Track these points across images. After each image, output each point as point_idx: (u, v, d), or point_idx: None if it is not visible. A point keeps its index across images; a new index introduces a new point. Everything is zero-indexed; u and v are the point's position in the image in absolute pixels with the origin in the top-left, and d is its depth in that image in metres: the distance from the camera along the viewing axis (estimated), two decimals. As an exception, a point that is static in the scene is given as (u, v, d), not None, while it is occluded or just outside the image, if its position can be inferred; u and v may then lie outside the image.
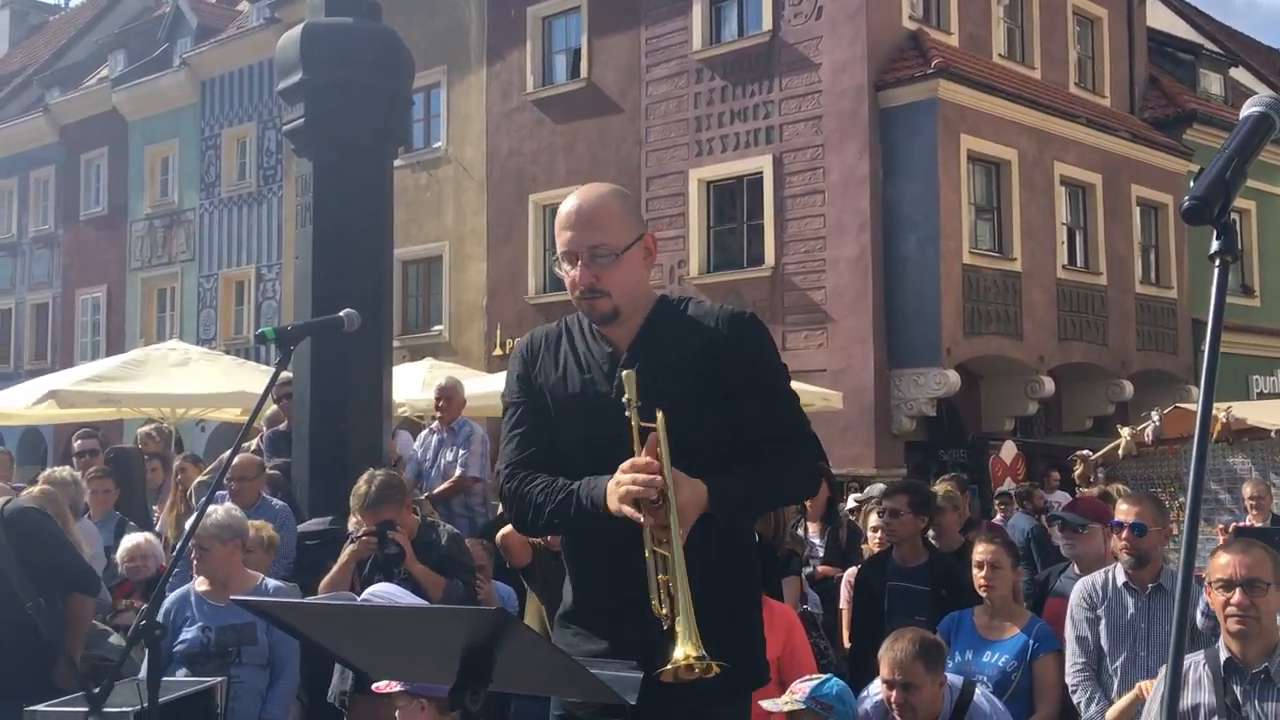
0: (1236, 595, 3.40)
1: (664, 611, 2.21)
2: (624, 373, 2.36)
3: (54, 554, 4.75)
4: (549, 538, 4.87)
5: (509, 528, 4.81)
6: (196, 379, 11.55)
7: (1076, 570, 5.15)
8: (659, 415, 2.31)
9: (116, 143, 26.54)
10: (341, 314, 3.11)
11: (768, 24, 16.88)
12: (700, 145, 17.51)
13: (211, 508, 4.57)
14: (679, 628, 2.16)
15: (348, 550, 4.83)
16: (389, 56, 6.90)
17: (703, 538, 2.30)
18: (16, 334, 28.71)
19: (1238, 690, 3.41)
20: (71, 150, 27.61)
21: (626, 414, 2.32)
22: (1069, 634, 4.51)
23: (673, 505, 2.23)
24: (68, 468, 7.18)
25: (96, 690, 2.73)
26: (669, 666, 2.14)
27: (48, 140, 28.19)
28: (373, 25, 6.95)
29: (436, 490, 7.47)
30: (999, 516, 11.48)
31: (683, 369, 2.46)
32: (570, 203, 2.51)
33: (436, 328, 20.60)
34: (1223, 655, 3.45)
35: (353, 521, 5.02)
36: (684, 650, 2.14)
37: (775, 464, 2.47)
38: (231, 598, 3.97)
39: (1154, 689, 3.70)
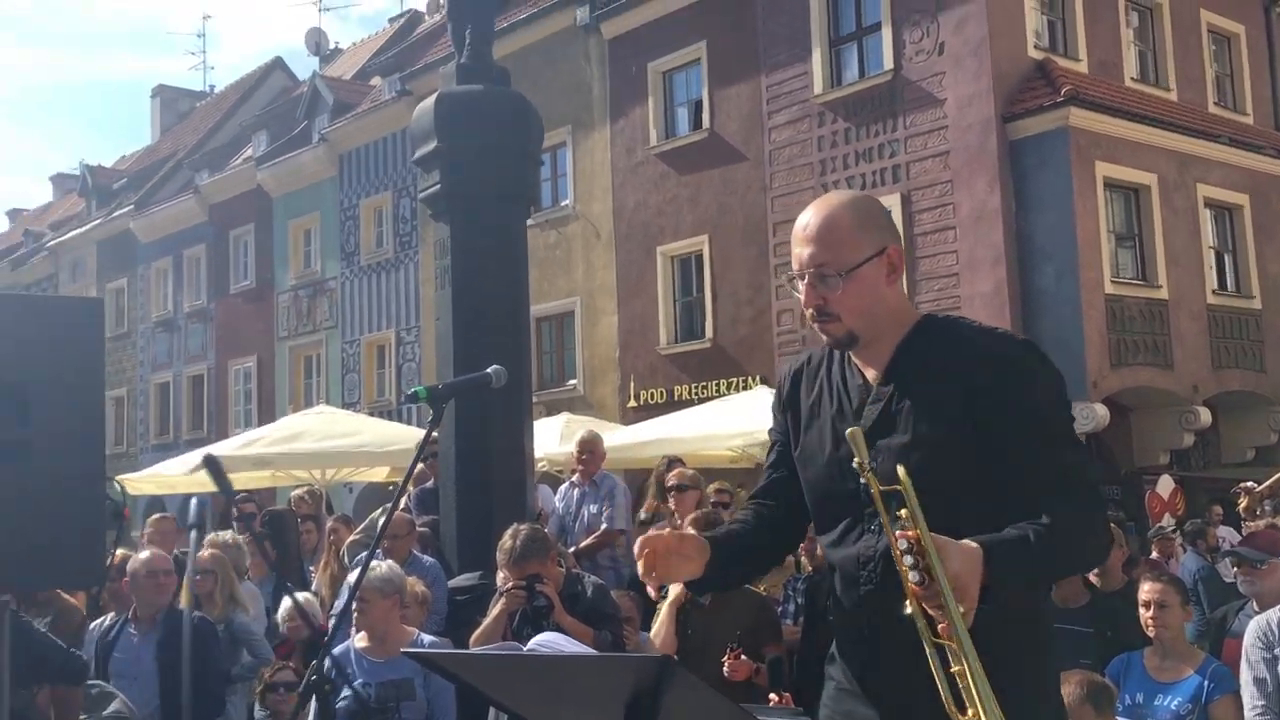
0: None
1: (965, 717, 1.83)
2: (849, 431, 1.99)
3: (25, 646, 4.48)
4: None
5: None
6: (344, 440, 11.94)
7: (1255, 608, 4.90)
8: (900, 473, 1.90)
9: (262, 218, 27.74)
10: (489, 370, 3.16)
11: (889, 63, 16.78)
12: (826, 188, 17.41)
13: (374, 563, 4.69)
14: None
15: (498, 604, 4.90)
16: (519, 120, 7.09)
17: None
18: (175, 405, 30.02)
19: None
20: (220, 228, 28.95)
21: (862, 480, 1.98)
22: (1245, 675, 4.29)
23: (943, 580, 1.82)
24: (231, 531, 7.47)
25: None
26: None
27: (198, 220, 29.63)
28: (503, 90, 7.16)
29: (582, 545, 7.51)
30: (1155, 554, 11.01)
31: (941, 405, 2.10)
32: (802, 216, 2.31)
33: (571, 382, 20.84)
34: None
35: (500, 576, 5.09)
36: None
37: (1062, 524, 2.00)
38: (402, 650, 4.05)
39: None
